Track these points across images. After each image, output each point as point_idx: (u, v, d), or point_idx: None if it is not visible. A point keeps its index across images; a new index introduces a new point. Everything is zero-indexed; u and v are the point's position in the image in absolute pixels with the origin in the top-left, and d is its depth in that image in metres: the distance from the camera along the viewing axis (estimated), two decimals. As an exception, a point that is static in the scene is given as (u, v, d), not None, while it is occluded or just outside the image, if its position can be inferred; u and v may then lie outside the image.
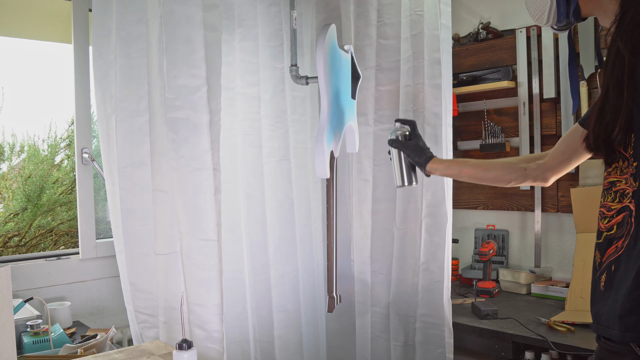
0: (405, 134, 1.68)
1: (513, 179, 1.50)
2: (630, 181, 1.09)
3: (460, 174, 1.60)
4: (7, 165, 2.58)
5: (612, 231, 1.12)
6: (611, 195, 1.14)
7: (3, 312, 1.14)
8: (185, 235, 1.63)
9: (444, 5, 2.11)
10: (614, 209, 1.12)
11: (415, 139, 1.67)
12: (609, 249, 1.12)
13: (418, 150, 1.64)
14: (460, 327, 2.11)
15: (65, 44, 2.34)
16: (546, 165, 1.44)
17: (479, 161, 1.59)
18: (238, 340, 2.03)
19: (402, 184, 1.69)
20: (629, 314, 1.04)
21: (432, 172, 1.62)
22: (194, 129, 1.60)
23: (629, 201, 1.08)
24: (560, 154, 1.41)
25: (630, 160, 1.09)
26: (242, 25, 2.03)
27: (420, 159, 1.63)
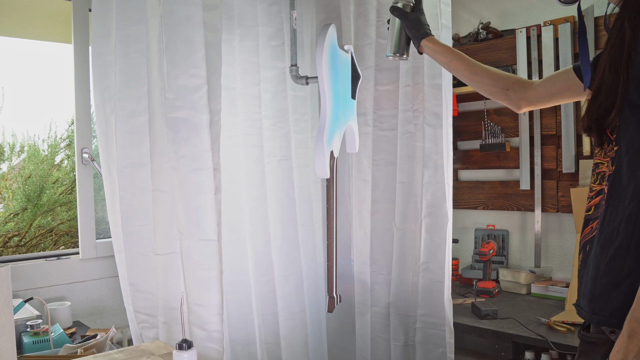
0: (410, 4, 1.63)
1: (492, 92, 1.52)
2: (608, 165, 1.09)
3: (449, 64, 1.58)
4: (7, 165, 2.58)
5: (590, 212, 1.13)
6: (594, 176, 1.15)
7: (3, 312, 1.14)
8: (185, 235, 1.63)
9: (444, 5, 2.11)
10: (595, 190, 1.13)
11: (418, 12, 1.63)
12: (585, 229, 1.13)
13: (418, 23, 1.61)
14: (460, 327, 2.11)
15: (65, 44, 2.34)
16: (527, 94, 1.46)
17: (471, 60, 1.57)
18: (245, 342, 2.03)
19: (392, 53, 1.64)
20: (598, 298, 1.06)
21: (424, 50, 1.60)
22: (194, 129, 1.60)
23: (606, 184, 1.09)
24: (544, 90, 1.43)
25: (612, 144, 1.09)
26: (242, 25, 2.03)
27: (417, 33, 1.59)
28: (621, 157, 1.06)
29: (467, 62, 1.56)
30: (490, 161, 2.77)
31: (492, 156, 2.75)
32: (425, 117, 2.13)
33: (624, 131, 1.06)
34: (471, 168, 2.85)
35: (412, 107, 2.17)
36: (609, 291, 1.04)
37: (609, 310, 1.04)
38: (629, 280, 1.01)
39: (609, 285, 1.04)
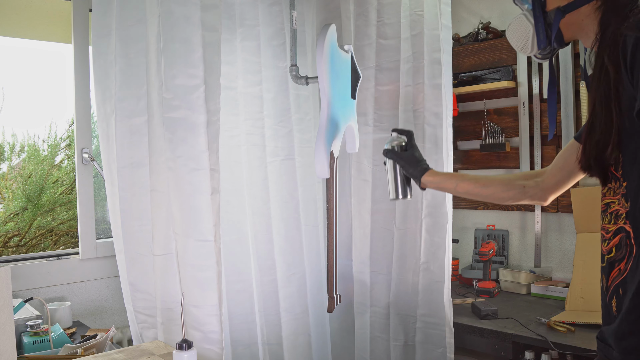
0: (402, 144, 1.61)
1: (511, 197, 1.45)
2: (622, 202, 1.07)
3: (456, 189, 1.53)
4: (7, 165, 2.58)
5: (612, 254, 1.10)
6: (607, 217, 1.12)
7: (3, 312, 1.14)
8: (180, 236, 1.62)
9: (444, 5, 2.11)
10: (611, 230, 1.10)
11: (412, 149, 1.60)
12: (612, 272, 1.09)
13: (413, 161, 1.58)
14: (460, 327, 2.11)
15: (65, 44, 2.34)
16: (545, 183, 1.40)
17: (476, 176, 1.53)
18: (247, 343, 2.03)
19: (395, 197, 1.62)
20: (628, 336, 1.03)
21: (426, 185, 1.55)
22: (191, 129, 1.60)
23: (623, 222, 1.06)
24: (558, 170, 1.37)
25: (620, 181, 1.07)
26: (243, 24, 2.03)
27: (415, 171, 1.56)
28: (634, 192, 1.04)
29: (473, 179, 1.51)
30: (490, 161, 2.77)
31: (492, 156, 2.75)
32: (425, 117, 2.14)
33: (630, 165, 1.04)
34: (471, 168, 2.85)
35: (413, 107, 2.17)
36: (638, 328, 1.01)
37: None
38: None
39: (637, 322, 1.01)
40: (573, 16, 1.17)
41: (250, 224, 2.05)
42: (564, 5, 1.17)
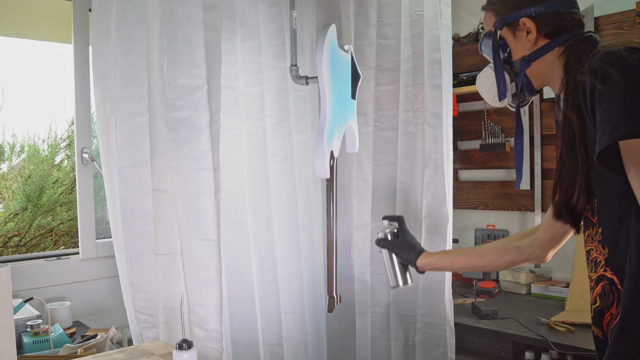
0: (394, 231, 1.60)
1: (508, 261, 1.41)
2: (599, 249, 1.06)
3: (453, 265, 1.50)
4: (7, 165, 2.58)
5: (597, 304, 1.08)
6: (589, 265, 1.11)
7: (3, 312, 1.14)
8: (185, 235, 1.63)
9: (444, 5, 2.11)
10: (593, 279, 1.09)
11: (404, 235, 1.59)
12: (604, 319, 1.07)
13: (406, 247, 1.55)
14: (460, 327, 2.11)
15: (65, 44, 2.34)
16: (539, 240, 1.37)
17: (470, 249, 1.53)
18: (247, 343, 2.03)
19: (396, 285, 1.60)
20: None
21: (423, 268, 1.53)
22: (194, 129, 1.60)
23: (603, 269, 1.05)
24: (550, 225, 1.33)
25: (596, 227, 1.07)
26: (244, 24, 2.03)
27: (409, 256, 1.54)
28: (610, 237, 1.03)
29: (468, 252, 1.50)
30: (490, 161, 2.77)
31: (492, 156, 2.75)
32: (425, 117, 2.14)
33: (605, 210, 1.04)
34: (471, 168, 2.85)
35: (413, 107, 2.17)
36: None
37: None
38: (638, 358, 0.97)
39: None
40: (539, 64, 1.19)
41: (251, 224, 2.06)
42: (528, 55, 1.19)
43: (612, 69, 0.95)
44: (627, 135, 0.90)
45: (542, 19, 1.17)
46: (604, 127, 0.93)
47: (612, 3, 2.32)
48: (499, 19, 1.22)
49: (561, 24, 1.16)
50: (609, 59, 0.97)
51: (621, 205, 1.00)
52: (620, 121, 0.91)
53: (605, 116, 0.93)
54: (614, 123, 0.91)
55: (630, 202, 0.97)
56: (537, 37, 1.18)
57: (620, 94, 0.93)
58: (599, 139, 0.94)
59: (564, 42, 1.15)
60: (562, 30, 1.16)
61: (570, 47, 1.14)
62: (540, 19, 1.17)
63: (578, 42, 1.14)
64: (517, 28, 1.20)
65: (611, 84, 0.94)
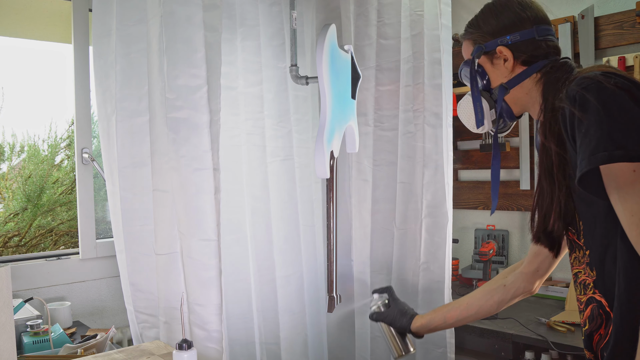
0: (385, 302, 1.61)
1: (497, 302, 1.41)
2: (587, 271, 1.07)
3: (446, 321, 1.50)
4: (7, 165, 2.58)
5: (586, 327, 1.09)
6: (578, 287, 1.12)
7: (3, 312, 1.14)
8: (185, 235, 1.63)
9: (444, 5, 2.11)
10: (583, 302, 1.10)
11: (394, 303, 1.59)
12: (592, 342, 1.08)
13: (398, 316, 1.56)
14: (460, 327, 2.11)
15: (65, 44, 2.34)
16: (524, 274, 1.38)
17: (459, 301, 1.51)
18: (244, 342, 2.03)
19: (398, 355, 1.58)
20: None
21: (420, 332, 1.53)
22: (194, 129, 1.60)
23: (592, 292, 1.06)
24: (534, 257, 1.36)
25: (583, 249, 1.07)
26: (243, 24, 2.03)
27: (402, 324, 1.54)
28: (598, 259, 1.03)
29: (457, 305, 1.49)
30: (490, 161, 2.76)
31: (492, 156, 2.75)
32: (425, 117, 2.14)
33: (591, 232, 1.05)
34: (471, 168, 2.85)
35: (413, 107, 2.18)
36: None
37: None
38: None
39: None
40: (517, 91, 1.20)
41: (249, 224, 2.06)
42: (506, 82, 1.20)
43: (589, 94, 0.96)
44: (606, 160, 0.92)
45: (518, 46, 1.18)
46: (584, 152, 0.94)
47: (612, 3, 2.32)
48: (476, 47, 1.24)
49: (537, 51, 1.18)
50: (585, 84, 0.98)
51: (606, 227, 1.01)
52: (599, 146, 0.92)
53: (585, 141, 0.95)
54: (593, 148, 0.93)
55: (614, 223, 0.98)
56: (514, 65, 1.19)
57: (598, 118, 0.94)
58: (579, 163, 0.95)
59: (540, 69, 1.17)
60: (538, 57, 1.17)
61: (547, 73, 1.15)
62: (516, 46, 1.18)
63: (554, 68, 1.15)
64: (494, 56, 1.21)
65: (589, 110, 0.95)
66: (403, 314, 1.56)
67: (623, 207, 0.94)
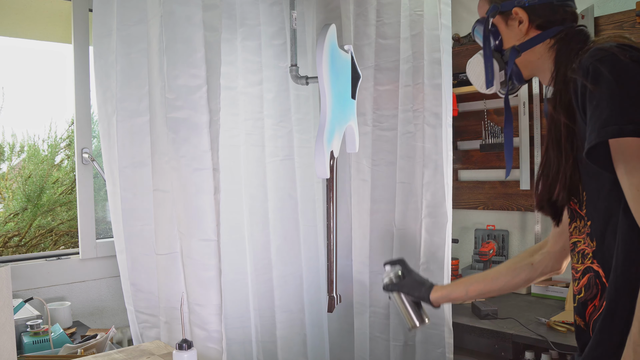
0: (398, 273, 1.58)
1: (523, 279, 1.39)
2: (587, 241, 1.07)
3: (468, 294, 1.46)
4: (7, 165, 2.58)
5: (582, 294, 1.09)
6: (575, 256, 1.11)
7: (3, 312, 1.14)
8: (185, 236, 1.63)
9: (444, 5, 2.11)
10: (580, 270, 1.10)
11: (410, 274, 1.57)
12: (586, 310, 1.08)
13: (416, 285, 1.54)
14: (460, 327, 2.11)
15: (65, 44, 2.34)
16: (550, 253, 1.35)
17: (482, 274, 1.48)
18: (240, 341, 2.03)
19: (413, 326, 1.57)
20: None
21: (438, 302, 1.50)
22: (194, 129, 1.60)
23: (590, 262, 1.06)
24: (558, 236, 1.32)
25: (585, 220, 1.07)
26: (244, 24, 2.03)
27: (421, 293, 1.52)
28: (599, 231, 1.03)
29: (481, 278, 1.47)
30: (490, 161, 2.77)
31: (492, 156, 2.75)
32: (425, 117, 2.14)
33: (594, 204, 1.04)
34: (471, 168, 2.85)
35: (412, 107, 2.17)
36: None
37: None
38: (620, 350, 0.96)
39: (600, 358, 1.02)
40: (529, 55, 1.18)
41: (247, 224, 2.06)
42: (518, 45, 1.19)
43: (603, 66, 0.95)
44: (616, 134, 0.91)
45: (535, 10, 1.16)
46: (594, 125, 0.94)
47: (612, 3, 2.32)
48: (492, 6, 1.22)
49: (554, 16, 1.15)
50: (600, 56, 0.97)
51: (610, 200, 1.01)
52: (610, 119, 0.91)
53: (595, 114, 0.94)
54: (603, 121, 0.92)
55: (618, 197, 0.98)
56: (528, 28, 1.17)
57: (610, 92, 0.93)
58: (589, 136, 0.95)
59: (555, 35, 1.15)
60: (554, 23, 1.15)
61: (561, 40, 1.13)
62: (532, 9, 1.16)
63: (569, 36, 1.13)
64: (509, 17, 1.20)
65: (602, 82, 0.94)
66: (421, 284, 1.54)
67: (629, 182, 0.94)
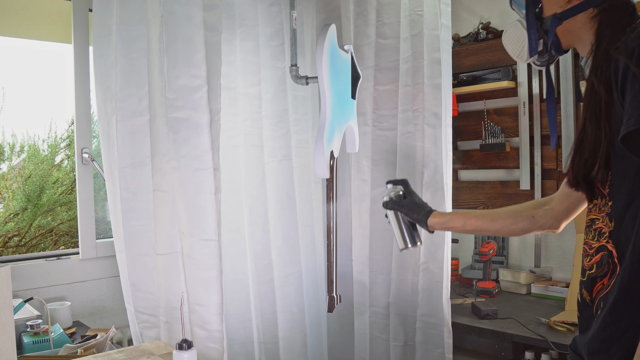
0: (399, 193, 1.59)
1: (521, 229, 1.40)
2: (606, 220, 1.06)
3: (464, 226, 1.47)
4: (7, 165, 2.58)
5: (593, 270, 1.08)
6: (591, 233, 1.11)
7: (3, 312, 1.14)
8: (185, 235, 1.63)
9: (444, 5, 2.11)
10: (594, 247, 1.09)
11: (411, 196, 1.58)
12: (595, 286, 1.08)
13: (415, 207, 1.54)
14: (460, 327, 2.11)
15: (65, 44, 2.34)
16: (554, 210, 1.35)
17: (483, 212, 1.50)
18: (242, 342, 2.03)
19: (405, 247, 1.58)
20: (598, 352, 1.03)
21: (434, 227, 1.51)
22: (194, 128, 1.60)
23: (606, 241, 1.05)
24: (565, 196, 1.32)
25: (606, 199, 1.06)
26: (243, 24, 2.03)
27: (419, 216, 1.52)
28: (619, 212, 1.03)
29: (481, 215, 1.47)
30: (490, 161, 2.77)
31: (492, 156, 2.75)
32: (424, 117, 2.14)
33: (618, 185, 1.03)
34: (471, 168, 2.85)
35: (412, 107, 2.17)
36: (609, 346, 1.01)
37: None
38: (629, 334, 0.97)
39: (608, 340, 1.01)
40: (570, 24, 1.15)
41: (247, 224, 2.06)
42: (560, 13, 1.15)
43: None
44: None
45: None
46: (633, 110, 0.91)
47: (612, 3, 2.32)
48: None
49: None
50: None
51: (635, 184, 1.00)
52: None
53: (637, 98, 0.91)
54: None
55: None
56: None
57: None
58: (626, 120, 0.92)
59: (598, 4, 1.09)
60: None
61: (604, 10, 1.09)
62: None
63: (613, 7, 1.08)
64: None
65: None
66: (421, 206, 1.54)
67: None
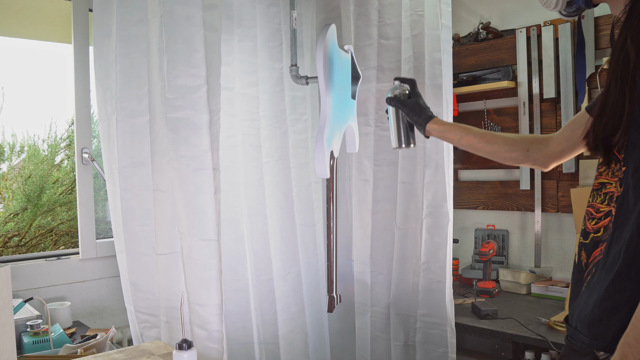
0: (405, 92, 1.57)
1: (513, 158, 1.44)
2: (617, 185, 1.05)
3: (460, 141, 1.51)
4: (7, 165, 2.58)
5: (599, 233, 1.08)
6: (600, 196, 1.10)
7: (3, 312, 1.14)
8: (185, 235, 1.63)
9: (444, 5, 2.11)
10: (602, 211, 1.08)
11: (415, 97, 1.57)
12: (595, 250, 1.08)
13: (418, 108, 1.54)
14: (460, 327, 2.11)
15: (65, 44, 2.34)
16: (549, 150, 1.39)
17: (482, 131, 1.52)
18: (242, 342, 2.03)
19: (398, 145, 1.58)
20: (598, 323, 1.03)
21: (431, 133, 1.53)
22: (194, 128, 1.60)
23: (614, 205, 1.05)
24: (564, 140, 1.35)
25: (621, 164, 1.05)
26: (241, 25, 2.03)
27: (419, 118, 1.53)
28: (628, 179, 1.02)
29: (479, 133, 1.50)
30: (490, 161, 2.75)
31: (492, 156, 2.75)
32: (425, 117, 2.13)
33: (631, 152, 1.02)
34: (471, 168, 2.85)
35: (413, 107, 2.17)
36: (609, 317, 1.01)
37: (610, 337, 1.00)
38: (628, 307, 0.97)
39: (609, 310, 1.01)
40: None
41: (246, 224, 2.06)
42: None
43: None
44: None
45: None
46: None
47: (612, 3, 2.32)
48: None
49: None
50: None
51: None
52: None
53: None
54: None
55: None
56: None
57: None
58: None
59: None
60: None
61: None
62: None
63: None
64: None
65: None
66: (423, 109, 1.54)
67: None
